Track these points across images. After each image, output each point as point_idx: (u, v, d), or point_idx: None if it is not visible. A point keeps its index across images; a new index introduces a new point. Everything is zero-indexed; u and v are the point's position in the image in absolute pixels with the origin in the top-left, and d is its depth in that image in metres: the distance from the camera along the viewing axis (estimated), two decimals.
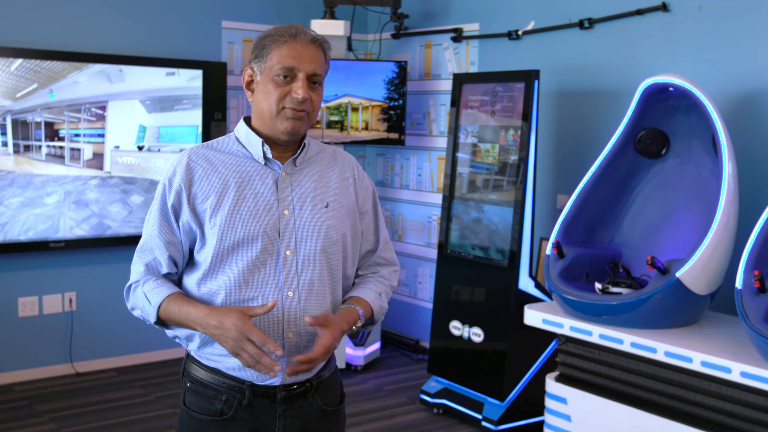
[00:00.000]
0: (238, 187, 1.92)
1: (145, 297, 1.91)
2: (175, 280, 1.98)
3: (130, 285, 1.97)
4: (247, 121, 2.00)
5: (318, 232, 1.95)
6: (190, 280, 1.96)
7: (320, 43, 1.93)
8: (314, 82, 1.92)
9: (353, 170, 2.08)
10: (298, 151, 1.98)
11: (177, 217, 1.93)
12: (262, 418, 1.94)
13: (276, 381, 1.93)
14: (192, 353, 1.99)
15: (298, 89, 1.88)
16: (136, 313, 1.97)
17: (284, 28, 1.92)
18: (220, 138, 2.03)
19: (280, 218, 1.92)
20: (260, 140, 1.94)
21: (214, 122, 5.13)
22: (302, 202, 1.95)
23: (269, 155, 1.94)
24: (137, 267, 1.97)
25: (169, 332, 1.99)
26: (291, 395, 1.95)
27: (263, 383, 1.93)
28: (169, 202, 1.93)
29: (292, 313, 1.91)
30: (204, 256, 1.92)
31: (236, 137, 1.99)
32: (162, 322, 1.92)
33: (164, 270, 1.95)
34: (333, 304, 1.99)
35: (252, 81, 1.95)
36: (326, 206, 1.97)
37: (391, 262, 2.16)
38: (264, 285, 1.90)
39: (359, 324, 1.96)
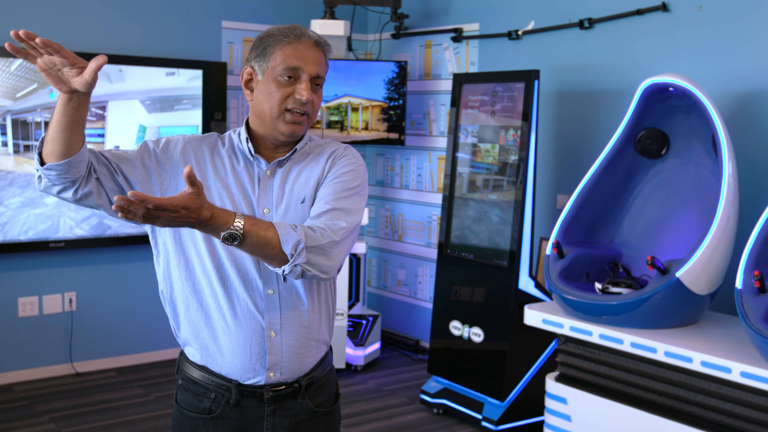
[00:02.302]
0: (226, 179, 1.92)
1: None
2: (94, 161, 1.85)
3: None
4: (247, 120, 2.00)
5: None
6: (173, 273, 1.94)
7: (322, 46, 1.93)
8: (316, 84, 1.92)
9: (334, 157, 1.97)
10: (288, 154, 1.96)
11: (147, 158, 1.90)
12: (250, 417, 1.94)
13: (261, 380, 1.93)
14: (184, 350, 2.00)
15: (302, 90, 1.88)
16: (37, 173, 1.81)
17: (287, 28, 1.91)
18: (226, 134, 2.03)
19: (259, 217, 1.90)
20: (245, 136, 1.94)
21: (214, 122, 5.13)
22: (282, 200, 1.93)
23: (252, 151, 1.94)
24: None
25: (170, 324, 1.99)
26: (279, 395, 1.94)
27: (248, 383, 1.93)
28: (154, 150, 1.92)
29: (273, 311, 1.91)
30: (182, 249, 1.91)
31: (239, 132, 1.99)
32: (46, 161, 1.78)
33: (101, 157, 1.85)
34: (314, 300, 1.96)
35: (251, 79, 1.94)
36: (302, 202, 1.94)
37: (323, 227, 1.83)
38: (244, 283, 1.89)
39: (233, 228, 1.68)
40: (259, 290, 1.90)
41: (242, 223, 1.69)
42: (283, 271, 1.77)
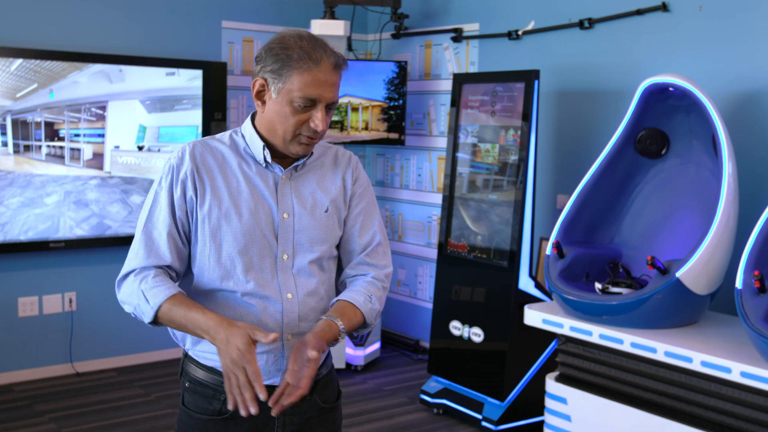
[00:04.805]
0: (239, 186, 1.92)
1: (143, 295, 1.85)
2: (173, 276, 1.94)
3: (126, 274, 1.90)
4: (253, 118, 1.97)
5: (316, 237, 1.96)
6: (194, 276, 1.96)
7: (341, 68, 1.88)
8: (330, 108, 1.89)
9: (351, 170, 2.05)
10: (303, 160, 1.97)
11: (181, 206, 1.90)
12: (261, 416, 1.93)
13: (276, 381, 1.94)
14: (189, 352, 1.99)
15: (318, 121, 1.85)
16: (127, 308, 1.91)
17: (307, 47, 1.84)
18: (224, 133, 2.00)
19: (278, 222, 1.92)
20: (261, 144, 1.92)
21: (214, 122, 5.13)
22: (302, 206, 1.95)
23: (269, 159, 1.93)
24: (137, 254, 1.90)
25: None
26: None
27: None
28: (176, 191, 1.90)
29: (292, 315, 1.92)
30: (201, 254, 1.92)
31: (242, 135, 1.97)
32: (156, 322, 1.88)
33: (168, 260, 1.90)
34: (327, 304, 2.00)
35: (263, 91, 1.90)
36: (326, 211, 1.97)
37: (383, 266, 2.05)
38: (263, 287, 1.90)
39: (341, 338, 1.87)
40: (279, 295, 1.91)
41: (343, 327, 1.87)
42: (360, 332, 1.98)
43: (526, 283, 4.08)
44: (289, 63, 1.83)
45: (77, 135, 4.80)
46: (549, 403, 3.51)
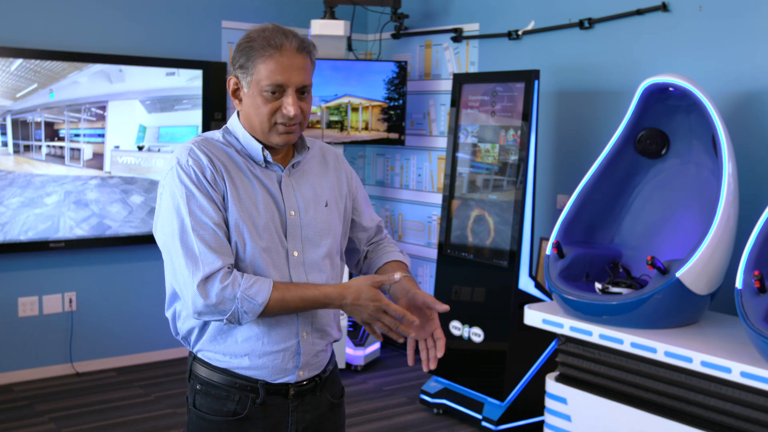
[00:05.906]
0: (252, 185, 1.92)
1: (245, 297, 1.79)
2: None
3: (205, 279, 1.79)
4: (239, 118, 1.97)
5: (322, 231, 1.98)
6: None
7: (306, 50, 1.89)
8: (303, 92, 1.90)
9: (344, 165, 2.12)
10: (300, 155, 1.99)
11: (219, 200, 1.85)
12: (276, 415, 1.96)
13: (291, 378, 1.95)
14: (199, 354, 1.97)
15: (289, 106, 1.86)
16: (214, 318, 1.83)
17: (268, 35, 1.85)
18: (216, 133, 1.97)
19: (286, 219, 1.93)
20: (260, 146, 1.92)
21: (214, 122, 5.13)
22: (306, 202, 1.97)
23: (270, 159, 1.93)
24: (204, 258, 1.80)
25: (182, 331, 1.97)
26: (302, 391, 1.98)
27: (276, 381, 1.94)
28: (210, 189, 1.85)
29: (306, 312, 1.93)
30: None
31: (234, 135, 1.96)
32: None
33: (233, 257, 1.85)
34: None
35: (238, 89, 1.92)
36: (326, 205, 2.00)
37: (386, 234, 2.27)
38: None
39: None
40: None
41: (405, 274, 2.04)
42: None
43: (526, 283, 4.08)
44: (252, 54, 1.86)
45: (77, 135, 4.80)
46: (549, 403, 3.51)
